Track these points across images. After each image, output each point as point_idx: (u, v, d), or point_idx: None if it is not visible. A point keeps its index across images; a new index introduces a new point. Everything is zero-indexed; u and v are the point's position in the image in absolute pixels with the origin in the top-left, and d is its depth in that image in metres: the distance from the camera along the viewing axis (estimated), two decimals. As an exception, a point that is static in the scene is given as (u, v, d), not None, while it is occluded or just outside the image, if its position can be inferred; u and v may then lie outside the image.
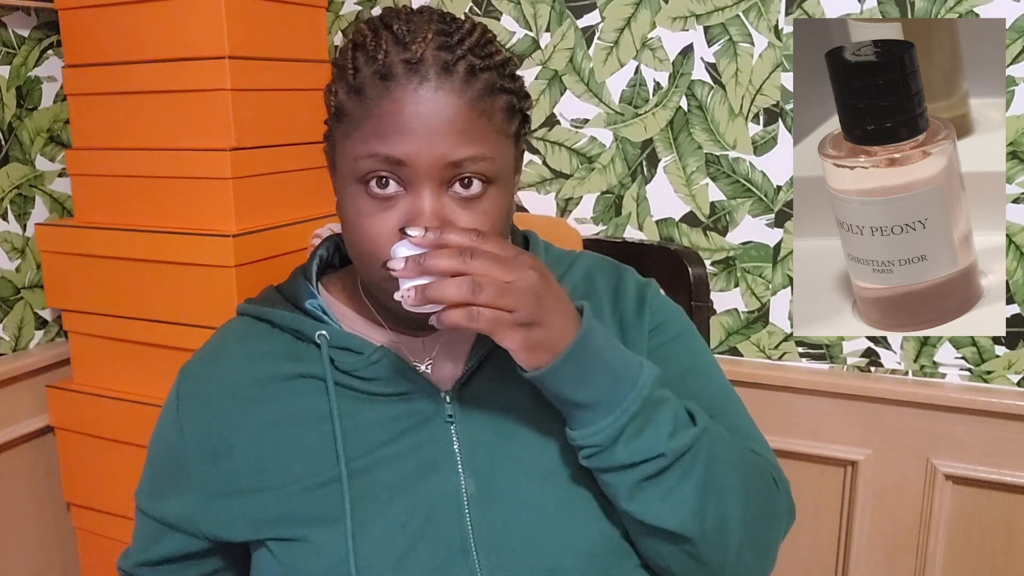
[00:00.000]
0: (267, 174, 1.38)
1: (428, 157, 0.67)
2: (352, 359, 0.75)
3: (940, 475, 1.27)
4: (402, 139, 0.67)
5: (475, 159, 0.68)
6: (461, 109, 0.68)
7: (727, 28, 1.29)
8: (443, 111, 0.67)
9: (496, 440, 0.74)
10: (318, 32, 1.51)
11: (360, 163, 0.69)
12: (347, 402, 0.74)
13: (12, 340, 1.49)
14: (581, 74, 1.39)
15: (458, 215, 0.69)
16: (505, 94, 0.71)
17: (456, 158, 0.67)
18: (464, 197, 0.69)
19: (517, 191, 0.88)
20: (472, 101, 0.68)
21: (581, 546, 0.72)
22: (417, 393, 0.75)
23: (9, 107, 1.45)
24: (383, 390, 0.75)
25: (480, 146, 0.68)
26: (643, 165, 1.38)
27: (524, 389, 0.73)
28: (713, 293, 1.37)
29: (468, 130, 0.68)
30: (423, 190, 0.68)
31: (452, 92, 0.68)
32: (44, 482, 1.55)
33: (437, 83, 0.68)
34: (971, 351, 1.27)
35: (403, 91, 0.68)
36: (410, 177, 0.68)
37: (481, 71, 0.69)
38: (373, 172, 0.69)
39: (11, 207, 1.47)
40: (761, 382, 1.34)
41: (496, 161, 0.70)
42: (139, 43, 1.33)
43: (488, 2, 1.43)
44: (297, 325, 0.77)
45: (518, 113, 0.74)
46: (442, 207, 0.68)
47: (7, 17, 1.43)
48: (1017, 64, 1.16)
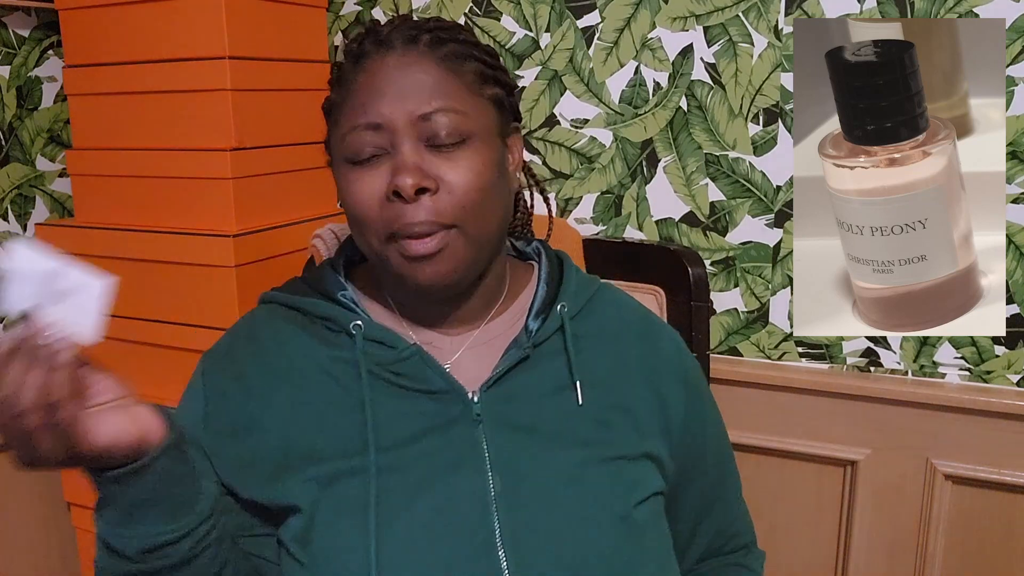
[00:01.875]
0: (267, 174, 1.39)
1: (401, 114, 0.72)
2: (385, 353, 0.76)
3: (940, 475, 1.27)
4: (377, 103, 0.73)
5: (444, 110, 0.72)
6: (427, 67, 0.73)
7: (727, 28, 1.30)
8: (410, 72, 0.73)
9: (522, 441, 0.75)
10: (318, 32, 1.52)
11: (346, 140, 0.74)
12: (378, 392, 0.75)
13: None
14: (581, 74, 1.39)
15: (437, 166, 0.72)
16: (475, 61, 0.76)
17: (425, 111, 0.72)
18: (442, 152, 0.72)
19: (521, 188, 0.89)
20: (438, 60, 0.74)
21: (605, 547, 0.73)
22: (446, 393, 0.76)
23: (9, 107, 1.45)
24: (413, 385, 0.76)
25: (448, 100, 0.73)
26: (643, 165, 1.38)
27: (549, 394, 0.77)
28: (713, 293, 1.37)
29: (435, 85, 0.73)
30: (402, 146, 0.72)
31: (418, 55, 0.74)
32: (44, 482, 1.55)
33: (403, 50, 0.74)
34: (971, 351, 1.27)
35: (373, 63, 0.74)
36: (389, 138, 0.72)
37: (446, 41, 0.75)
38: (360, 149, 0.73)
39: (11, 207, 1.47)
40: (761, 382, 1.34)
41: (468, 116, 0.73)
42: (139, 43, 1.34)
43: (488, 2, 1.43)
44: (331, 314, 0.78)
45: (492, 80, 0.77)
46: (421, 159, 0.72)
47: (7, 17, 1.43)
48: (1017, 64, 1.17)
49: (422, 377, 0.76)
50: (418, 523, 0.71)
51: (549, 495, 0.74)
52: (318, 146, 0.86)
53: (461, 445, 0.74)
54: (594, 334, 0.82)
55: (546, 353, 0.79)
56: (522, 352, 0.77)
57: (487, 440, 0.74)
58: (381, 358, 0.76)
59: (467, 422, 0.75)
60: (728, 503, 0.92)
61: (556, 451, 0.75)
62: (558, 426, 0.77)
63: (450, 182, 0.72)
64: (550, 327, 0.79)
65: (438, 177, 0.72)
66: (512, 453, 0.74)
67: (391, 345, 0.76)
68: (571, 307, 0.81)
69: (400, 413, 0.75)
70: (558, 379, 0.78)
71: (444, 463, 0.73)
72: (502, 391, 0.77)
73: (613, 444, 0.78)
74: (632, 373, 0.82)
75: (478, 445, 0.74)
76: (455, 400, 0.75)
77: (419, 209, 0.71)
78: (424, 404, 0.75)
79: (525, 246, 0.90)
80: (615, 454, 0.77)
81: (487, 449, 0.74)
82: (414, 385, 0.76)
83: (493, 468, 0.74)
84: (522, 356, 0.77)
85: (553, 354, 0.79)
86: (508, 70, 0.85)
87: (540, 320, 0.80)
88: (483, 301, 0.81)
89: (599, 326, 0.83)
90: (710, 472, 0.88)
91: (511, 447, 0.75)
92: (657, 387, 0.82)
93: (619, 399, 0.80)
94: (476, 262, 0.76)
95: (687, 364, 0.87)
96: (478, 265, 0.77)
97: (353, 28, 1.54)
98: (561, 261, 0.87)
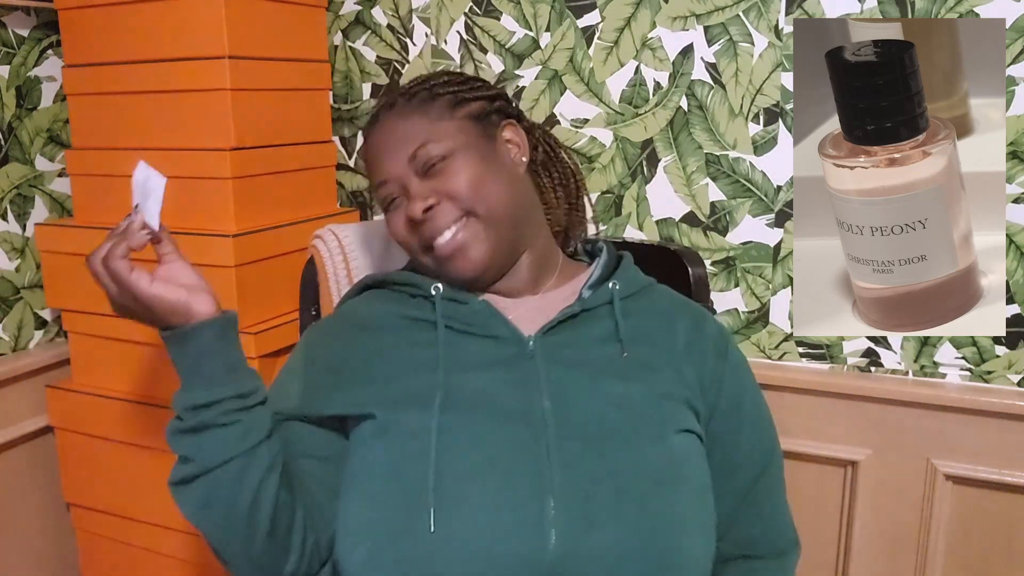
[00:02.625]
0: (267, 174, 1.39)
1: (396, 164, 0.92)
2: (459, 308, 0.91)
3: (940, 475, 1.27)
4: (379, 166, 0.94)
5: (423, 144, 0.91)
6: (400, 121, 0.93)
7: (727, 28, 1.29)
8: (391, 131, 0.93)
9: (572, 373, 0.87)
10: (318, 32, 1.51)
11: (376, 193, 0.96)
12: (450, 336, 0.89)
13: (12, 340, 1.49)
14: (581, 74, 1.39)
15: (435, 185, 0.91)
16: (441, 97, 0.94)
17: (410, 152, 0.91)
18: (435, 173, 0.91)
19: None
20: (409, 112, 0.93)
21: (645, 462, 0.82)
22: (507, 338, 0.89)
23: (9, 107, 1.45)
24: (481, 331, 0.89)
25: (423, 135, 0.91)
26: (643, 165, 1.38)
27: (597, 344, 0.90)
28: (713, 293, 1.37)
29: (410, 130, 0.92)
30: (408, 185, 0.92)
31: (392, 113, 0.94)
32: (44, 482, 1.55)
33: (384, 117, 0.95)
34: (971, 351, 1.27)
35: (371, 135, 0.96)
36: (398, 186, 0.93)
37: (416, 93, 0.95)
38: (383, 199, 0.94)
39: (11, 207, 1.47)
40: (761, 382, 1.32)
41: (445, 138, 0.91)
42: (139, 43, 1.33)
43: (488, 2, 1.43)
44: (415, 281, 0.95)
45: (464, 101, 0.95)
46: (423, 187, 0.91)
47: (7, 17, 1.43)
48: (1017, 64, 1.16)
49: (488, 324, 0.89)
50: (474, 422, 0.83)
51: (594, 414, 0.84)
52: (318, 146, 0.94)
53: (516, 373, 0.86)
54: (644, 309, 0.94)
55: (598, 316, 0.91)
56: (573, 309, 0.90)
57: (540, 371, 0.86)
58: (455, 312, 0.90)
59: (523, 357, 0.87)
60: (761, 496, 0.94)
61: (602, 380, 0.86)
62: (605, 364, 0.88)
63: (447, 190, 0.90)
64: (602, 297, 0.92)
65: (436, 192, 0.90)
66: (561, 380, 0.86)
67: (463, 302, 0.91)
68: (623, 288, 0.93)
69: (467, 351, 0.88)
70: (606, 334, 0.90)
71: (501, 385, 0.85)
72: (555, 338, 0.89)
73: (657, 383, 0.88)
74: (678, 343, 0.92)
75: (531, 373, 0.86)
76: (514, 343, 0.88)
77: (435, 220, 0.90)
78: (487, 345, 0.89)
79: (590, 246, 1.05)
80: (659, 391, 0.87)
81: (539, 377, 0.85)
82: (481, 331, 0.89)
83: (544, 391, 0.84)
84: (575, 311, 0.90)
85: (603, 318, 0.91)
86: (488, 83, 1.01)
87: (593, 292, 0.93)
88: (534, 272, 0.96)
89: (649, 304, 0.95)
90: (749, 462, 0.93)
91: (561, 378, 0.86)
92: (697, 353, 0.92)
93: (664, 357, 0.90)
94: (501, 241, 0.91)
95: (730, 347, 0.96)
96: (506, 242, 0.92)
97: (353, 28, 1.54)
98: (621, 257, 1.00)
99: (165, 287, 0.80)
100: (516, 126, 0.99)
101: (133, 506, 1.48)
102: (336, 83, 1.57)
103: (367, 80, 1.55)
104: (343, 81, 1.57)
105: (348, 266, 1.15)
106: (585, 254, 1.07)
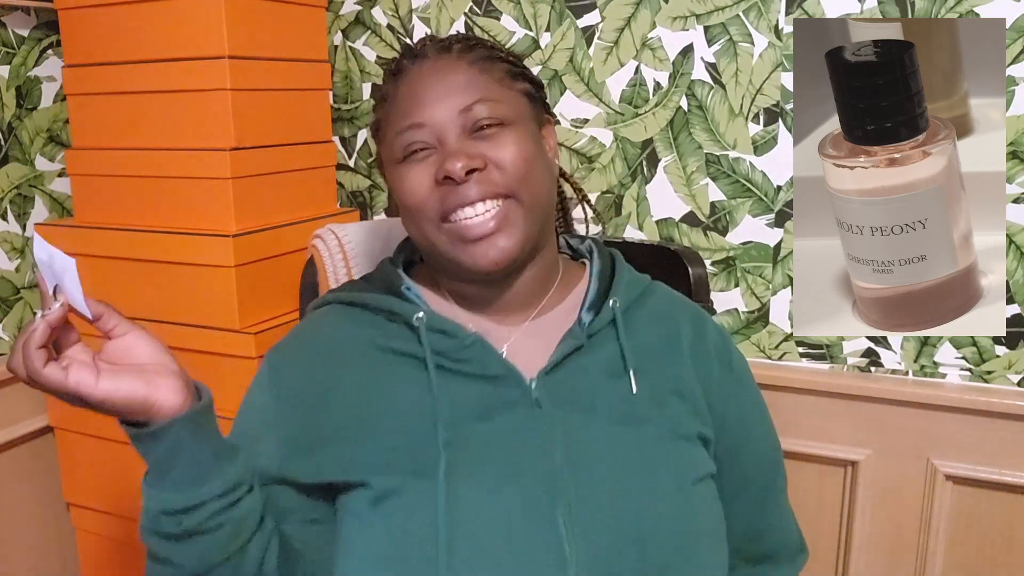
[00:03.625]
0: (267, 174, 1.39)
1: (443, 111, 0.78)
2: (447, 342, 0.79)
3: (940, 475, 1.27)
4: (419, 107, 0.79)
5: (483, 100, 0.78)
6: (461, 68, 0.80)
7: (727, 28, 1.29)
8: (446, 75, 0.80)
9: (582, 420, 0.78)
10: (318, 32, 1.51)
11: (395, 144, 0.80)
12: (441, 377, 0.79)
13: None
14: (581, 74, 1.39)
15: (483, 148, 0.77)
16: (502, 62, 0.82)
17: (465, 104, 0.78)
18: (486, 136, 0.78)
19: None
20: (469, 63, 0.80)
21: (663, 519, 0.75)
22: (505, 378, 0.79)
23: (9, 107, 1.45)
24: (474, 371, 0.79)
25: (483, 91, 0.79)
26: (643, 165, 1.38)
27: (604, 379, 0.81)
28: (713, 293, 1.37)
29: (470, 81, 0.79)
30: (447, 139, 0.78)
31: (451, 59, 0.81)
32: (44, 482, 1.55)
33: (436, 58, 0.81)
34: (971, 351, 1.27)
35: (411, 75, 0.81)
36: (434, 135, 0.78)
37: (475, 46, 0.82)
38: (408, 145, 0.79)
39: (11, 207, 1.47)
40: (761, 382, 1.32)
41: (504, 103, 0.80)
42: (139, 43, 1.33)
43: (488, 2, 1.43)
44: (395, 307, 0.81)
45: (521, 76, 0.84)
46: (465, 146, 0.77)
47: (7, 17, 1.43)
48: (1017, 64, 1.16)
49: (483, 362, 0.79)
50: (484, 489, 0.74)
51: (608, 468, 0.76)
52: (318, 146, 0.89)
53: (522, 423, 0.77)
54: (646, 317, 0.86)
55: (600, 342, 0.82)
56: (577, 342, 0.80)
57: (548, 419, 0.77)
58: (444, 347, 0.79)
59: (527, 404, 0.78)
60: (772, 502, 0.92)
61: (615, 427, 0.78)
62: (616, 406, 0.79)
63: (497, 158, 0.77)
64: (603, 319, 0.83)
65: (484, 156, 0.77)
66: (572, 429, 0.77)
67: (452, 335, 0.79)
68: (623, 301, 0.84)
69: (463, 396, 0.78)
70: (613, 365, 0.81)
71: (507, 439, 0.76)
72: (558, 376, 0.79)
73: (670, 423, 0.81)
74: (683, 352, 0.85)
75: (539, 423, 0.77)
76: (514, 385, 0.78)
77: (471, 187, 0.76)
78: (484, 387, 0.78)
79: (579, 243, 0.94)
80: (672, 433, 0.80)
81: (548, 427, 0.77)
82: (475, 371, 0.79)
83: (554, 443, 0.76)
84: (576, 345, 0.80)
85: (607, 341, 0.82)
86: None
87: (593, 313, 0.83)
88: (537, 285, 0.85)
89: (651, 309, 0.87)
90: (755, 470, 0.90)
91: (571, 424, 0.77)
92: (702, 365, 0.86)
93: (673, 383, 0.83)
94: (532, 235, 0.80)
95: (732, 353, 0.91)
96: (534, 239, 0.80)
97: (353, 28, 1.54)
98: (613, 258, 0.90)
99: (114, 381, 0.66)
100: (552, 127, 0.90)
101: (133, 506, 1.48)
102: (336, 83, 1.57)
103: (367, 80, 1.55)
104: (343, 81, 1.57)
105: (348, 266, 1.15)
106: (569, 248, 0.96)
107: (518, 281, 0.83)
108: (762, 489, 0.91)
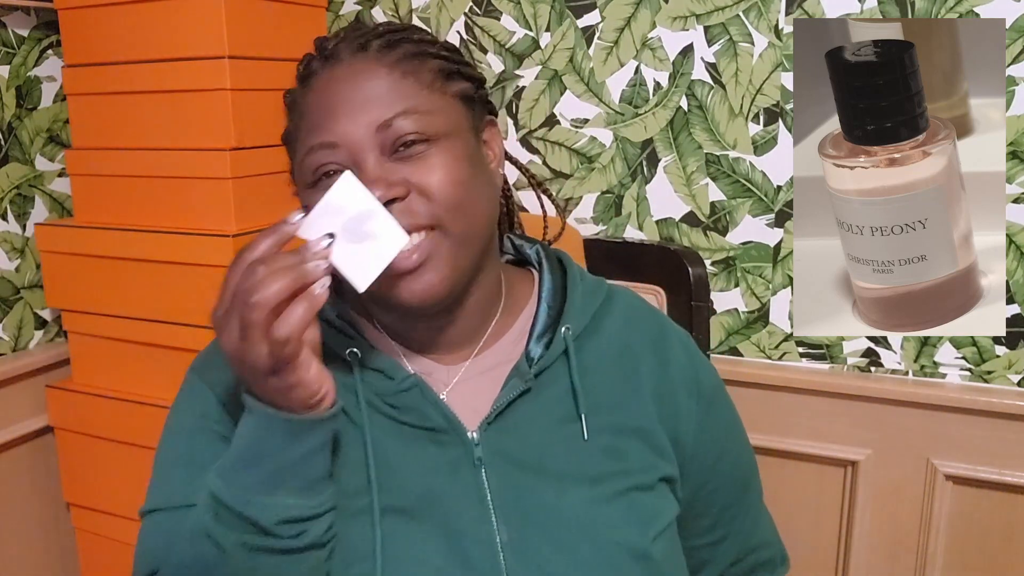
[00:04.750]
0: (267, 174, 1.38)
1: (358, 127, 0.67)
2: (383, 383, 0.72)
3: (940, 475, 1.27)
4: (330, 122, 0.68)
5: (406, 113, 0.67)
6: (380, 73, 0.69)
7: (727, 28, 1.29)
8: (362, 82, 0.68)
9: (528, 483, 0.71)
10: (318, 32, 1.51)
11: (305, 164, 0.69)
12: (378, 427, 0.71)
13: (12, 340, 1.49)
14: (581, 74, 1.39)
15: (405, 171, 0.67)
16: (433, 59, 0.71)
17: (385, 118, 0.67)
18: (407, 156, 0.68)
19: (514, 187, 0.88)
20: (391, 65, 0.69)
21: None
22: (445, 431, 0.72)
23: (9, 107, 1.45)
24: (413, 421, 0.72)
25: (407, 101, 0.68)
26: (643, 165, 1.38)
27: (555, 426, 0.73)
28: (713, 293, 1.37)
29: (391, 89, 0.68)
30: (365, 162, 0.67)
31: (368, 61, 0.69)
32: (44, 482, 1.55)
33: (351, 60, 0.70)
34: (971, 351, 1.27)
35: (321, 80, 0.70)
36: (349, 156, 0.67)
37: (399, 43, 0.70)
38: (319, 167, 0.68)
39: (11, 207, 1.47)
40: (761, 382, 1.34)
41: (433, 114, 0.69)
42: (139, 43, 1.33)
43: (488, 2, 1.43)
44: (326, 339, 0.68)
45: (456, 75, 0.73)
46: (385, 170, 0.67)
47: (7, 17, 1.43)
48: (1017, 64, 1.16)
49: (421, 412, 0.71)
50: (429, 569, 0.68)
51: (559, 541, 0.70)
52: None
53: (464, 491, 0.70)
54: (602, 351, 0.77)
55: (550, 378, 0.74)
56: (524, 384, 0.73)
57: (490, 486, 0.71)
58: (380, 388, 0.72)
59: (468, 466, 0.71)
60: (749, 517, 0.88)
61: (564, 491, 0.71)
62: (566, 462, 0.72)
63: (421, 184, 0.67)
64: (554, 352, 0.74)
65: (407, 182, 0.67)
66: (517, 498, 0.70)
67: (389, 376, 0.72)
68: (575, 326, 0.76)
69: (400, 454, 0.71)
70: (564, 409, 0.74)
71: (448, 510, 0.70)
72: (504, 426, 0.72)
73: (626, 474, 0.74)
74: (643, 390, 0.77)
75: (482, 491, 0.70)
76: (455, 441, 0.71)
77: None
78: (425, 446, 0.71)
79: (527, 247, 0.85)
80: (629, 485, 0.74)
81: (491, 496, 0.70)
82: (413, 421, 0.71)
83: (498, 516, 0.70)
84: (524, 388, 0.73)
85: (557, 379, 0.75)
86: (473, 64, 0.81)
87: (543, 344, 0.75)
88: (479, 316, 0.76)
89: (607, 341, 0.78)
90: (728, 487, 0.85)
91: (516, 491, 0.71)
92: (668, 402, 0.78)
93: (630, 420, 0.76)
94: (465, 268, 0.71)
95: (700, 375, 0.82)
96: (468, 271, 0.72)
97: (353, 28, 1.54)
98: (564, 268, 0.81)
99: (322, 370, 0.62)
100: (496, 127, 0.78)
101: (133, 506, 1.47)
102: (336, 83, 1.57)
103: (367, 80, 1.55)
104: (343, 81, 1.57)
105: (348, 266, 1.14)
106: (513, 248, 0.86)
107: (457, 312, 0.74)
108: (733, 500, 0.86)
